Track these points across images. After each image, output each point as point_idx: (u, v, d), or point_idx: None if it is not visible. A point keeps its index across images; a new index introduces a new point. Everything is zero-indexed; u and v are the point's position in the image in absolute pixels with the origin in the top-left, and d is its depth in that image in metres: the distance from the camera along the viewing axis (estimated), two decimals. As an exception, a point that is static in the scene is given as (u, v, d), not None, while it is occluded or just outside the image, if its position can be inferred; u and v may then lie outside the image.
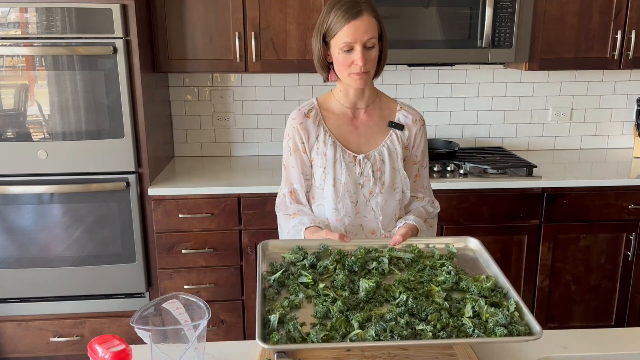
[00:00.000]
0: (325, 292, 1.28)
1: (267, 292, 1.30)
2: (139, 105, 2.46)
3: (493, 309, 1.19)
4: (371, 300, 1.27)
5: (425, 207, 1.73)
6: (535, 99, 3.15)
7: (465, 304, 1.22)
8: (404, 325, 1.14)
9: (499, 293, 1.28)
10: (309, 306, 1.25)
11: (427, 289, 1.30)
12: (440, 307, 1.22)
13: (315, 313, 1.21)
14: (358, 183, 1.65)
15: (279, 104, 3.07)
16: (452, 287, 1.32)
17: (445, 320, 1.16)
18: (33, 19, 2.32)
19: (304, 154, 1.69)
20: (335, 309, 1.20)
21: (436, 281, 1.34)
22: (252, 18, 2.61)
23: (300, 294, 1.28)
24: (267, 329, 1.15)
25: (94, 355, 1.03)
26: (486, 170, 2.67)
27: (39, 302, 2.62)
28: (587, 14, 2.69)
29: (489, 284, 1.31)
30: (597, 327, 2.18)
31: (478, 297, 1.24)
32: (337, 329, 1.14)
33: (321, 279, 1.35)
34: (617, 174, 2.78)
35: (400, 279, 1.34)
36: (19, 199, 2.50)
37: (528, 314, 1.18)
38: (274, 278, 1.34)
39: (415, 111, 1.73)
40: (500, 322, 1.14)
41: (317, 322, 1.18)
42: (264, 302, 1.26)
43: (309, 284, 1.33)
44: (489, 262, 1.42)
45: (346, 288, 1.30)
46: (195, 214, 2.54)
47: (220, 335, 2.69)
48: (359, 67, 1.53)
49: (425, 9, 2.58)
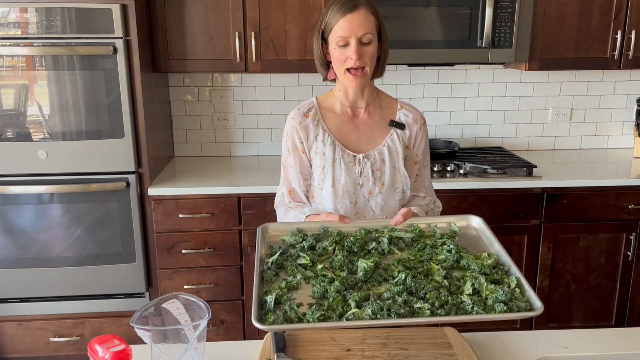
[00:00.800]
0: (323, 272, 1.28)
1: (265, 274, 1.29)
2: (139, 105, 2.47)
3: (493, 286, 1.18)
4: (369, 280, 1.26)
5: (427, 204, 1.72)
6: (535, 99, 3.15)
7: (465, 282, 1.22)
8: (402, 303, 1.14)
9: (501, 270, 1.27)
10: (307, 287, 1.25)
11: (426, 268, 1.29)
12: (439, 285, 1.21)
13: (313, 293, 1.21)
14: (357, 183, 1.64)
15: (279, 104, 3.07)
16: (452, 266, 1.31)
17: (444, 298, 1.15)
18: (33, 19, 2.32)
19: (302, 154, 1.68)
20: (332, 289, 1.20)
21: (436, 260, 1.33)
22: (252, 18, 2.62)
23: (298, 275, 1.27)
24: (264, 310, 1.14)
25: (94, 355, 1.03)
26: (486, 170, 2.67)
27: (39, 302, 2.62)
28: (587, 14, 2.69)
29: (490, 261, 1.30)
30: (597, 327, 2.18)
31: (478, 275, 1.23)
32: (334, 309, 1.14)
33: (320, 260, 1.34)
34: (617, 174, 2.78)
35: (400, 258, 1.34)
36: (19, 199, 2.50)
37: (529, 289, 1.16)
38: (272, 260, 1.33)
39: (416, 110, 1.72)
40: (500, 299, 1.13)
41: (314, 302, 1.18)
42: (262, 284, 1.25)
43: (307, 265, 1.32)
44: (492, 240, 1.40)
45: (344, 268, 1.30)
46: (195, 214, 2.54)
47: (220, 335, 2.69)
48: (354, 61, 1.52)
49: (425, 9, 2.58)
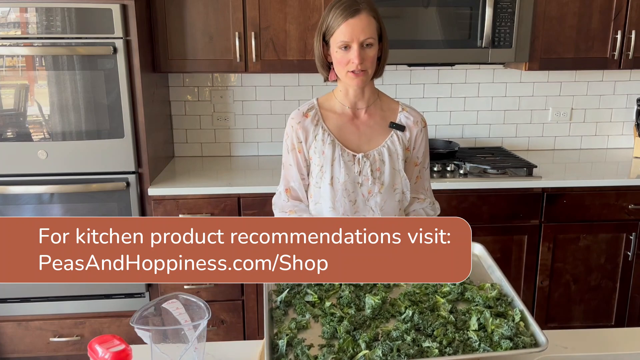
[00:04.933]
0: (331, 310, 1.29)
1: (274, 313, 1.30)
2: (139, 105, 2.46)
3: (498, 320, 1.22)
4: (377, 317, 1.28)
5: (425, 209, 1.73)
6: (535, 99, 3.15)
7: (471, 316, 1.24)
8: (410, 342, 1.16)
9: (504, 302, 1.30)
10: (317, 325, 1.27)
11: (432, 302, 1.31)
12: (446, 321, 1.23)
13: (323, 334, 1.23)
14: (357, 182, 1.64)
15: (279, 104, 3.07)
16: (457, 298, 1.34)
17: (451, 335, 1.18)
18: (33, 19, 2.32)
19: (299, 153, 1.69)
20: (342, 329, 1.21)
21: (441, 292, 1.35)
22: (252, 18, 2.61)
23: (307, 314, 1.29)
24: (276, 353, 1.16)
25: (94, 355, 1.04)
26: (486, 170, 2.67)
27: (39, 302, 2.62)
28: (587, 14, 2.69)
29: (494, 293, 1.32)
30: (597, 327, 2.18)
31: (483, 308, 1.26)
32: (344, 351, 1.16)
33: (327, 296, 1.35)
34: (617, 174, 2.78)
35: (406, 291, 1.35)
36: (19, 199, 2.50)
37: (533, 324, 1.20)
38: (280, 299, 1.34)
39: (417, 112, 1.73)
40: (506, 335, 1.17)
41: (324, 342, 1.20)
42: (272, 324, 1.27)
43: (315, 302, 1.34)
44: (493, 268, 1.44)
45: (352, 305, 1.31)
46: (195, 214, 2.54)
47: (220, 335, 2.69)
48: (355, 65, 1.54)
49: (425, 9, 2.58)
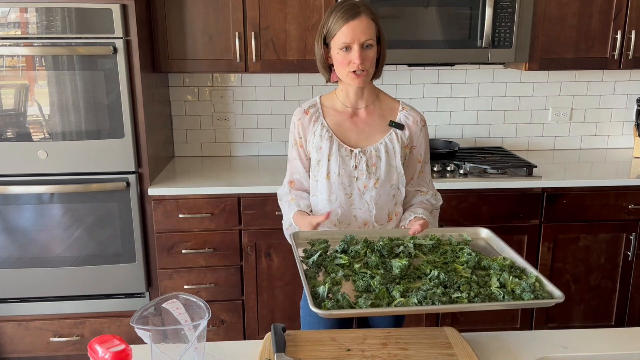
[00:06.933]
0: (362, 270, 1.37)
1: (307, 272, 1.38)
2: (139, 105, 2.47)
3: (517, 280, 1.30)
4: (405, 277, 1.35)
5: (429, 200, 1.82)
6: (535, 99, 3.15)
7: (491, 277, 1.34)
8: (441, 294, 1.24)
9: (518, 269, 1.38)
10: (348, 284, 1.33)
11: (452, 268, 1.39)
12: (469, 280, 1.32)
13: (357, 287, 1.30)
14: (353, 176, 1.72)
15: (279, 104, 3.07)
16: (474, 266, 1.41)
17: (476, 290, 1.27)
18: (33, 19, 2.32)
19: (300, 148, 1.79)
20: (375, 282, 1.29)
21: (460, 261, 1.43)
22: (252, 18, 2.61)
23: (340, 272, 1.36)
24: (317, 300, 1.23)
25: (94, 355, 1.03)
26: (486, 170, 2.67)
27: (39, 302, 2.62)
28: (587, 14, 2.69)
29: (508, 262, 1.41)
30: (597, 327, 2.18)
31: (501, 272, 1.35)
32: (381, 299, 1.23)
33: (355, 261, 1.43)
34: (617, 174, 2.78)
35: (427, 259, 1.45)
36: (19, 199, 2.50)
37: (548, 283, 1.29)
38: (312, 260, 1.42)
39: (417, 112, 1.80)
40: (526, 289, 1.25)
41: (359, 295, 1.26)
42: (308, 280, 1.33)
43: (345, 264, 1.41)
44: (503, 247, 1.52)
45: (380, 267, 1.39)
46: (195, 214, 2.54)
47: (220, 335, 2.69)
48: (357, 66, 1.62)
49: (425, 9, 2.58)
